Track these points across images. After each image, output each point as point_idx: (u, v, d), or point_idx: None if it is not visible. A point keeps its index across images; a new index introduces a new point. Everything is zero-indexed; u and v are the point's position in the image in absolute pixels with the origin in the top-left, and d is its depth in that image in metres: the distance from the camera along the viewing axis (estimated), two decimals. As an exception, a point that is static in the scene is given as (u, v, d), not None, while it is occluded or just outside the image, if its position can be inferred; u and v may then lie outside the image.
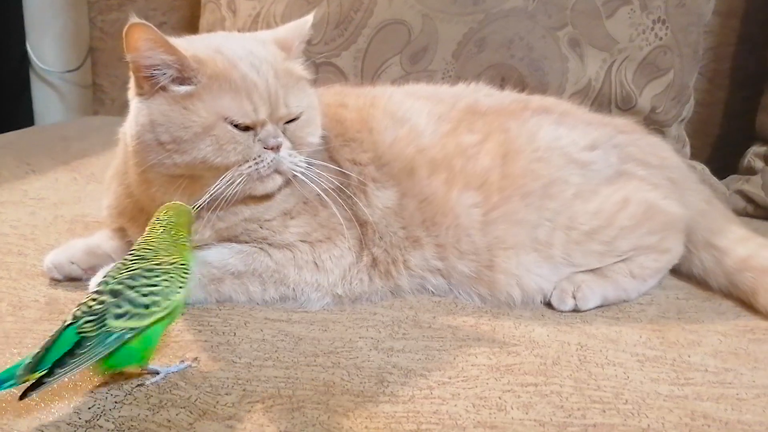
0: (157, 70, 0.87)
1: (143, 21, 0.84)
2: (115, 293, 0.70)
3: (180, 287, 0.74)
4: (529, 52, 1.41)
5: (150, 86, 0.89)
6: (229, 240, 0.96)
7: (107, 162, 1.46)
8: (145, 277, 0.72)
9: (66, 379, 0.70)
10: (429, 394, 0.77)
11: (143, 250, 0.75)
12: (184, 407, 0.72)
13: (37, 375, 0.65)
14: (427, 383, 0.79)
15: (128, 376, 0.76)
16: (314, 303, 0.96)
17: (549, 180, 1.01)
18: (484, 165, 1.02)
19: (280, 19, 1.50)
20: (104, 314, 0.69)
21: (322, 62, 1.49)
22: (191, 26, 1.87)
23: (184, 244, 0.78)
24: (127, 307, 0.70)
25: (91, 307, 0.70)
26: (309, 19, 1.02)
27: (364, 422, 0.72)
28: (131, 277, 0.72)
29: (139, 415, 0.70)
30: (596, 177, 1.04)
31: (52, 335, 0.68)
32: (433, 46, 1.44)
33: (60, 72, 2.33)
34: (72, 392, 0.73)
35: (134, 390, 0.74)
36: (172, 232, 0.78)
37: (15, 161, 1.47)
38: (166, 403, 0.72)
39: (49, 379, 0.65)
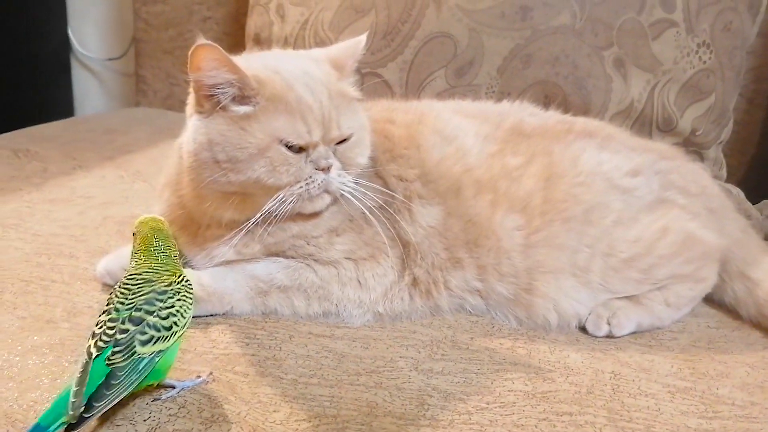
0: (220, 89, 0.89)
1: (209, 42, 0.86)
2: (135, 321, 0.72)
3: (190, 303, 0.78)
4: (574, 71, 1.41)
5: (211, 105, 0.91)
6: (276, 255, 0.98)
7: (152, 158, 1.50)
8: (159, 300, 0.75)
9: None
10: (468, 419, 0.79)
11: (146, 273, 0.77)
12: (235, 422, 0.75)
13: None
14: (465, 408, 0.81)
15: (145, 391, 0.77)
16: (356, 319, 0.98)
17: (590, 205, 1.02)
18: (527, 188, 1.03)
19: (327, 26, 1.51)
20: (131, 343, 0.71)
21: (368, 72, 1.49)
22: (236, 23, 1.88)
23: (176, 261, 0.81)
24: (151, 332, 0.72)
25: (112, 336, 0.71)
26: (363, 39, 1.02)
27: (406, 447, 0.74)
28: (147, 302, 0.74)
29: (192, 429, 0.73)
30: (637, 203, 1.05)
31: (82, 370, 0.69)
32: (478, 60, 1.44)
33: (102, 59, 2.33)
34: (126, 404, 0.75)
35: (187, 404, 0.77)
36: (167, 252, 0.80)
37: (61, 155, 1.49)
38: (218, 418, 0.75)
39: (90, 414, 0.67)
